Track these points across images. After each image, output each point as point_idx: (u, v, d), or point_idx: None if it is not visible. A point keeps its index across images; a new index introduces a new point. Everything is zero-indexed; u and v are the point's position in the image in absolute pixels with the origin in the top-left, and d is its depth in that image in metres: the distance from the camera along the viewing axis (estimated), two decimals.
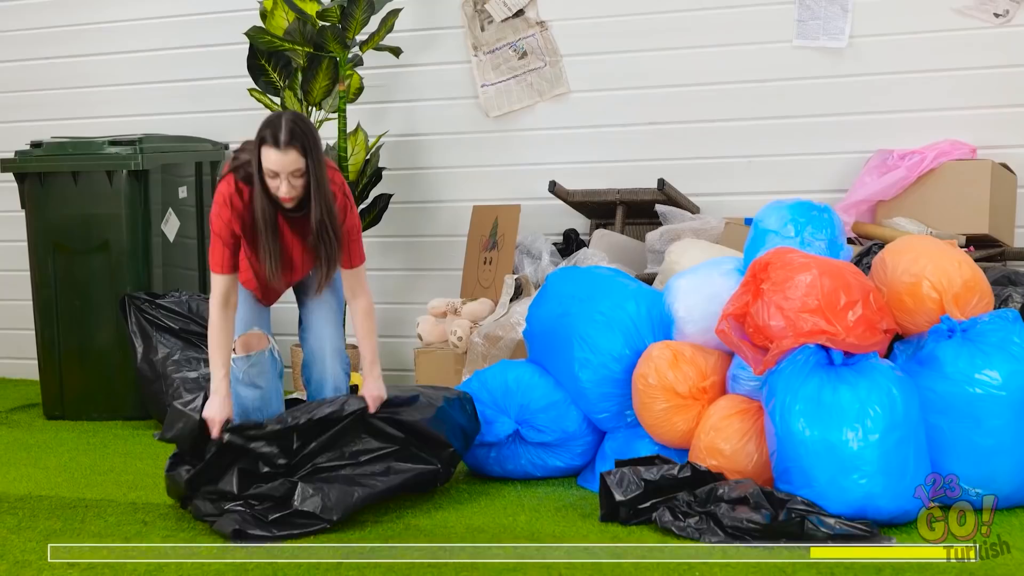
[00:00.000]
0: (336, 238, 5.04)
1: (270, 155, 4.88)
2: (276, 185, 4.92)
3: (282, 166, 4.88)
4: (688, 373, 5.12)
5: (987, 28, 6.52)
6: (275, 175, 4.91)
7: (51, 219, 7.08)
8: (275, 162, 4.87)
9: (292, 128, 4.90)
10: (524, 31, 7.29)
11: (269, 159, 4.89)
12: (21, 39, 8.42)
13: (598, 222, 7.04)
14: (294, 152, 4.89)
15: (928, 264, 4.90)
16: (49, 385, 7.16)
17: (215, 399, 4.99)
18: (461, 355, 6.41)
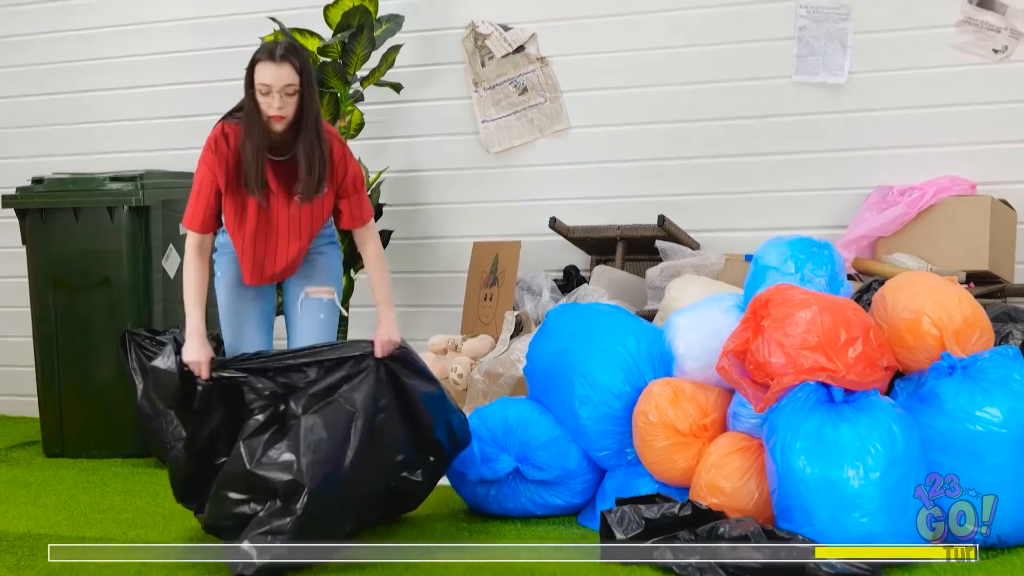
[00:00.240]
0: (323, 163, 5.04)
1: (264, 69, 4.91)
2: (268, 103, 4.92)
3: (276, 79, 4.89)
4: (688, 410, 5.11)
5: (986, 64, 6.54)
6: (268, 90, 4.91)
7: (52, 255, 7.08)
8: (269, 75, 4.89)
9: (288, 45, 4.99)
10: (524, 67, 7.31)
11: (263, 73, 4.91)
12: (23, 74, 8.45)
13: (598, 258, 7.04)
14: (288, 66, 4.93)
15: (928, 300, 4.89)
16: (49, 422, 7.15)
17: (193, 341, 4.95)
18: (462, 392, 6.40)
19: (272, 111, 4.93)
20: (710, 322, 5.27)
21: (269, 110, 4.94)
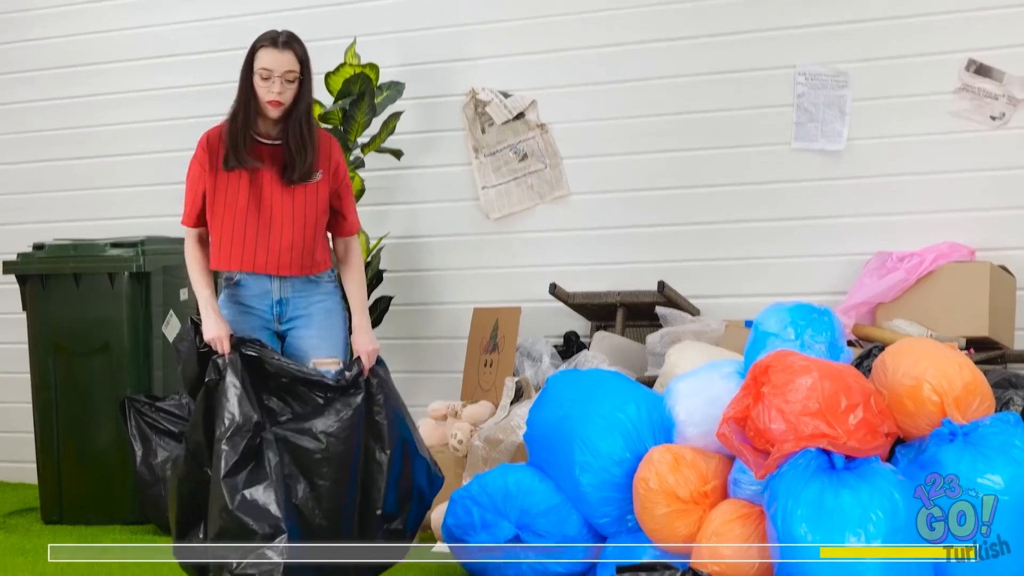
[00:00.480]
0: (314, 146, 5.07)
1: (267, 55, 5.00)
2: (268, 87, 4.97)
3: (278, 64, 4.98)
4: (689, 477, 5.09)
5: (984, 131, 6.57)
6: (269, 75, 4.98)
7: (52, 321, 7.09)
8: (271, 60, 4.98)
9: (290, 34, 5.10)
10: (524, 133, 7.35)
11: (265, 59, 4.99)
12: (25, 141, 8.50)
13: (598, 324, 7.05)
14: (290, 53, 5.03)
15: (929, 367, 4.88)
16: (47, 489, 7.12)
17: (209, 317, 4.97)
18: (461, 458, 6.39)
19: (271, 96, 5.01)
20: (710, 388, 5.26)
21: (268, 95, 5.01)
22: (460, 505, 5.52)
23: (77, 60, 8.42)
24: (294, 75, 5.04)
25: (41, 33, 8.52)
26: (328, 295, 5.31)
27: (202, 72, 8.03)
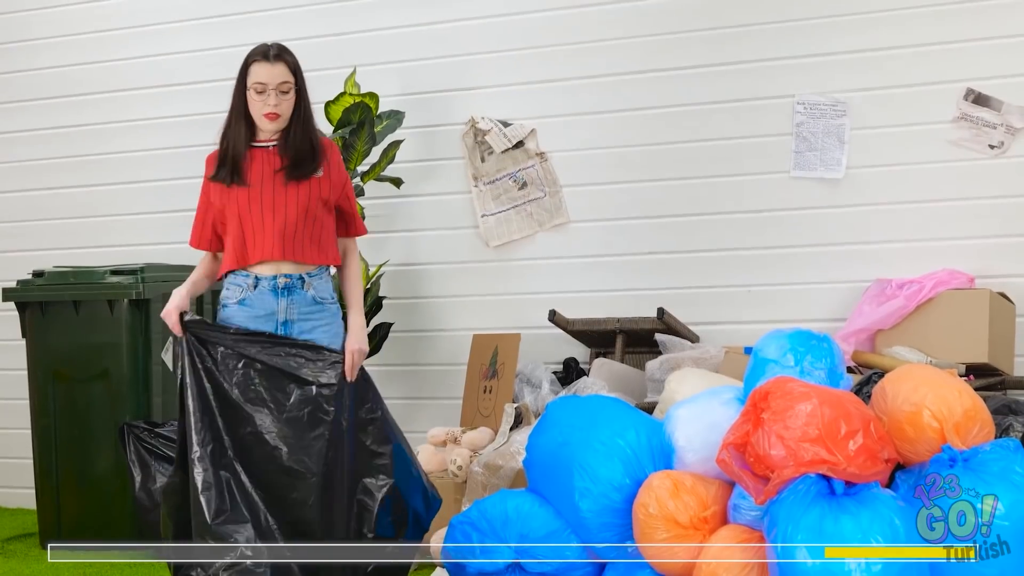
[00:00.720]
0: (317, 145, 5.13)
1: (259, 69, 5.02)
2: (263, 100, 4.99)
3: (271, 76, 4.99)
4: (689, 503, 5.08)
5: (982, 159, 6.59)
6: (263, 88, 5.00)
7: (51, 347, 7.09)
8: (264, 74, 4.99)
9: (280, 46, 5.11)
10: (524, 162, 7.36)
11: (258, 73, 5.01)
12: (24, 169, 8.52)
13: (598, 351, 7.05)
14: (282, 65, 5.04)
15: (928, 393, 4.88)
16: (46, 514, 7.11)
17: (174, 296, 5.08)
18: (461, 484, 6.38)
19: (268, 109, 5.02)
20: (710, 414, 5.26)
21: (264, 108, 5.02)
22: (459, 530, 5.51)
23: (78, 89, 8.44)
24: (289, 85, 5.07)
25: (43, 62, 8.54)
26: (332, 320, 5.32)
27: (203, 101, 8.05)
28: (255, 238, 5.11)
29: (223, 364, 4.99)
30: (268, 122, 5.06)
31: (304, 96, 5.16)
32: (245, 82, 5.07)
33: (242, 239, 5.10)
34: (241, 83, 5.08)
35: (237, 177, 5.07)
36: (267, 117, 5.04)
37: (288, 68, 5.08)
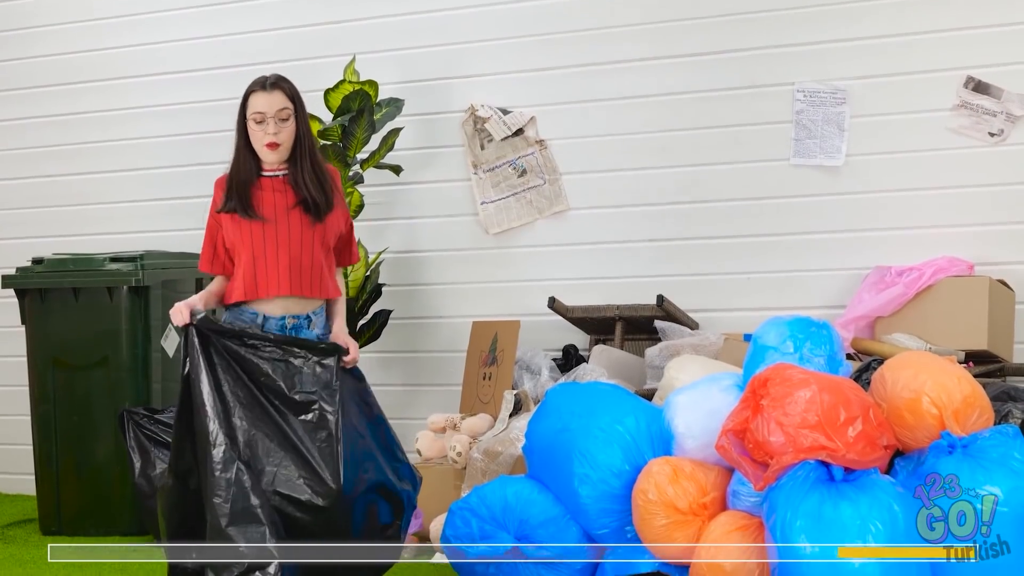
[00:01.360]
0: (326, 180, 5.11)
1: (256, 99, 5.02)
2: (263, 130, 4.99)
3: (269, 105, 4.98)
4: (688, 489, 5.10)
5: (982, 147, 6.58)
6: (262, 118, 5.00)
7: (51, 334, 7.10)
8: (262, 102, 4.99)
9: (277, 75, 5.12)
10: (523, 149, 7.36)
11: (256, 103, 5.01)
12: (23, 157, 8.52)
13: (597, 338, 7.05)
14: (279, 92, 5.03)
15: (928, 380, 4.89)
16: (46, 500, 7.13)
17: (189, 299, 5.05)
18: (460, 470, 6.39)
19: (268, 138, 5.02)
20: (709, 401, 5.27)
21: (265, 138, 5.02)
22: (459, 516, 5.52)
23: (77, 77, 8.44)
24: (288, 112, 5.06)
25: (41, 51, 8.54)
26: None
27: (201, 89, 8.06)
28: (267, 272, 5.11)
29: (231, 362, 4.98)
30: (270, 152, 5.06)
31: (305, 123, 5.14)
32: (245, 114, 5.07)
33: (253, 272, 5.10)
34: (242, 116, 5.09)
35: (250, 211, 5.07)
36: (268, 147, 5.04)
37: (285, 95, 5.08)
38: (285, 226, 5.09)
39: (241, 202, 5.07)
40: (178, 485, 5.01)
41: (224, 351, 4.97)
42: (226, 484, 4.77)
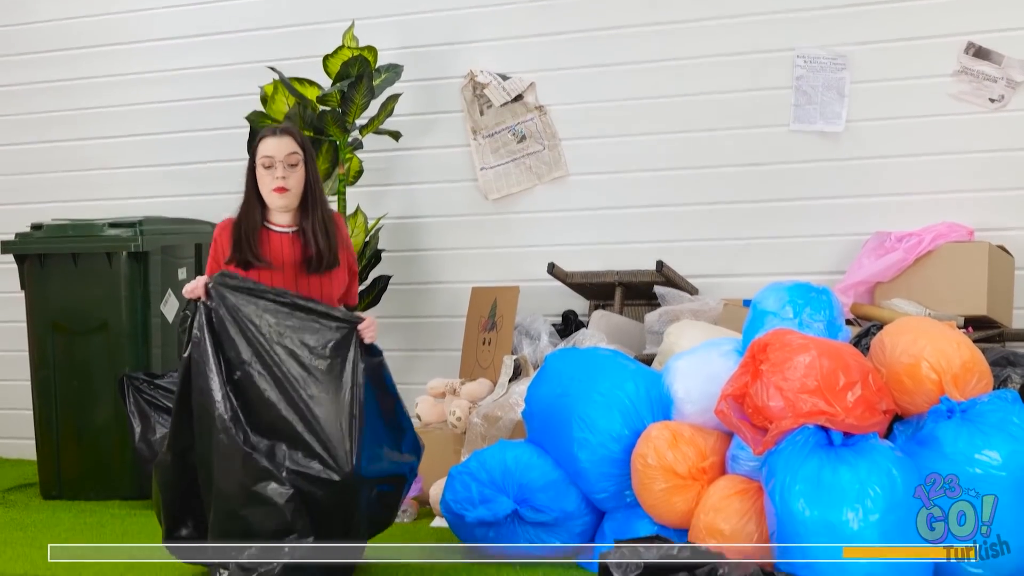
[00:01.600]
0: (334, 235, 5.13)
1: (266, 143, 5.06)
2: (272, 175, 5.00)
3: (278, 149, 5.01)
4: (687, 453, 5.11)
5: (983, 113, 6.58)
6: (271, 162, 5.02)
7: (50, 300, 7.10)
8: (271, 147, 5.02)
9: (288, 124, 5.21)
10: (523, 115, 7.35)
11: (265, 147, 5.04)
12: (23, 123, 8.50)
13: (597, 303, 7.06)
14: (289, 138, 5.07)
15: (927, 345, 4.90)
16: (46, 465, 7.14)
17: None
18: (460, 435, 6.40)
19: (276, 182, 5.03)
20: (708, 366, 5.27)
21: (273, 183, 5.04)
22: (459, 481, 5.53)
23: (76, 43, 8.41)
24: (297, 157, 5.08)
25: (41, 16, 8.51)
26: None
27: (202, 55, 8.03)
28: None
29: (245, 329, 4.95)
30: (277, 196, 5.07)
31: (314, 171, 5.16)
32: (254, 160, 5.10)
33: None
34: (251, 162, 5.13)
35: (258, 260, 5.09)
36: (276, 191, 5.06)
37: (295, 141, 5.11)
38: (292, 276, 5.15)
39: (251, 250, 5.10)
40: (176, 462, 5.01)
41: (237, 318, 4.94)
42: (240, 459, 4.75)
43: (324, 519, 4.76)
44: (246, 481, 4.72)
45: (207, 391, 4.84)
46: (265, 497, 4.71)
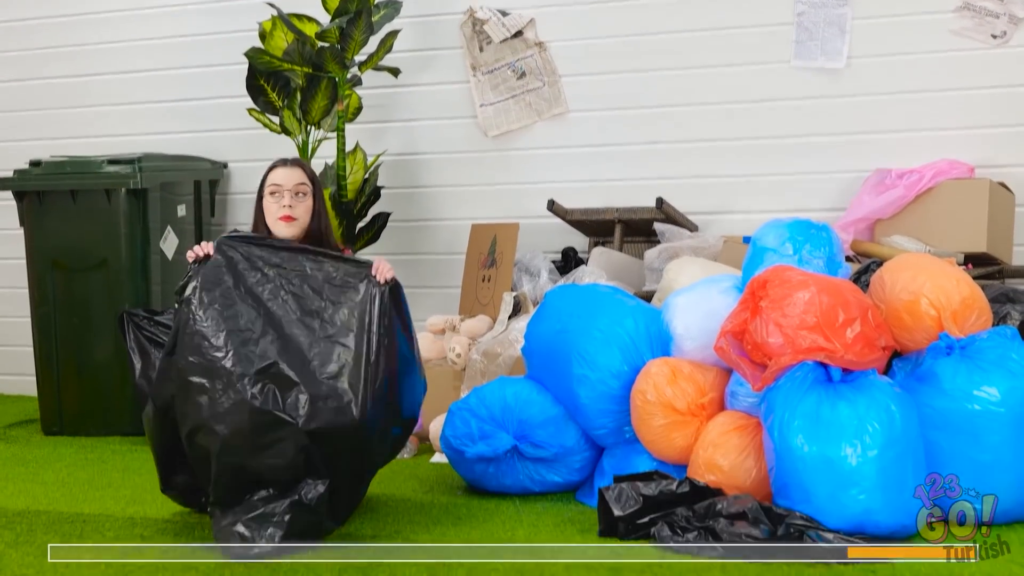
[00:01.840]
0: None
1: (275, 173, 5.07)
2: (278, 202, 4.99)
3: (287, 178, 5.02)
4: (686, 389, 5.12)
5: (985, 49, 6.55)
6: (279, 190, 5.03)
7: (50, 237, 7.09)
8: (280, 176, 5.03)
9: (298, 158, 5.29)
10: (523, 52, 7.32)
11: (274, 176, 5.06)
12: (21, 59, 8.45)
13: (596, 240, 7.05)
14: (299, 169, 5.10)
15: (927, 282, 4.90)
16: (47, 401, 7.16)
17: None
18: (460, 372, 6.41)
19: (282, 211, 5.03)
20: (708, 303, 5.28)
21: (280, 211, 5.04)
22: (459, 417, 5.55)
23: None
24: (305, 188, 5.08)
25: None
26: None
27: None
28: None
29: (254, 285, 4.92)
30: (283, 225, 5.05)
31: (322, 204, 5.16)
32: (263, 190, 5.10)
33: None
34: (260, 193, 5.12)
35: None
36: (282, 220, 5.04)
37: (305, 173, 5.12)
38: None
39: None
40: (158, 416, 5.00)
41: (245, 269, 4.92)
42: (247, 411, 4.74)
43: (337, 462, 4.76)
44: (254, 434, 4.68)
45: (206, 347, 4.78)
46: (276, 449, 4.69)
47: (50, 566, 4.58)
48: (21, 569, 4.56)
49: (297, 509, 4.69)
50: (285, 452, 4.67)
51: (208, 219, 7.68)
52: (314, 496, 4.70)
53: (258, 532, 4.65)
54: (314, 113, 7.05)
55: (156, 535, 5.00)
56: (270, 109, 7.17)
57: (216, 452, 4.69)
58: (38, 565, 4.60)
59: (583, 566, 4.42)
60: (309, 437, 4.66)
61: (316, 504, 4.70)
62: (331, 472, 4.74)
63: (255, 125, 7.23)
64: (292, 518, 4.67)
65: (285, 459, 4.67)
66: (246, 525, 4.68)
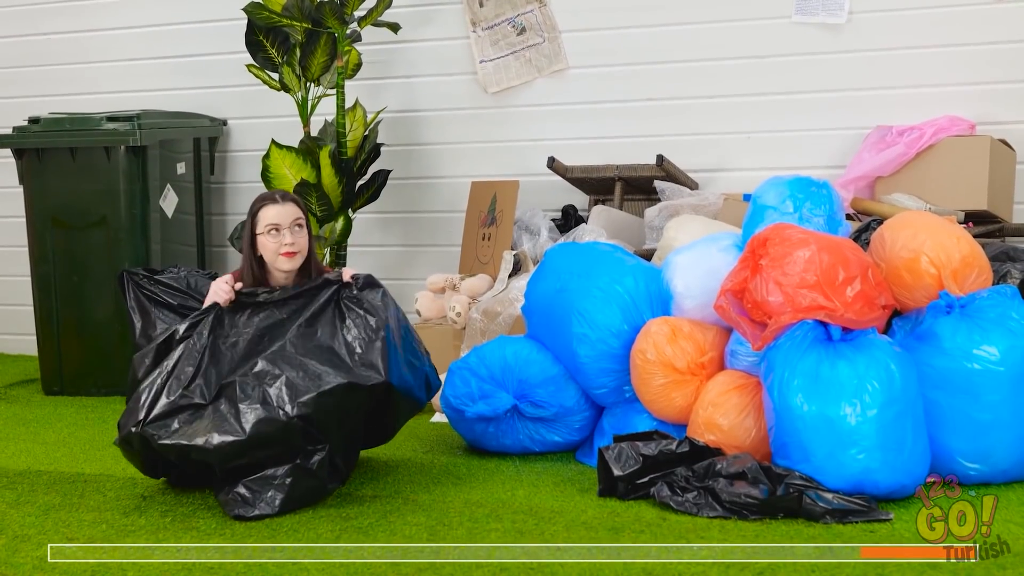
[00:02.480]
0: None
1: (269, 211, 5.09)
2: (278, 240, 5.06)
3: (284, 216, 5.07)
4: (686, 348, 5.13)
5: (986, 4, 6.51)
6: (277, 229, 5.06)
7: (49, 195, 7.09)
8: (277, 214, 5.07)
9: (286, 191, 5.31)
10: (523, 7, 7.28)
11: (270, 215, 5.08)
12: (19, 14, 8.42)
13: (597, 198, 7.04)
14: (292, 204, 5.13)
15: (927, 240, 4.89)
16: (47, 361, 7.17)
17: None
18: (459, 330, 6.41)
19: (285, 248, 5.06)
20: (708, 261, 5.27)
21: (283, 248, 5.06)
22: (458, 376, 5.55)
23: None
24: (301, 221, 5.12)
25: None
26: None
27: None
28: None
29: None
30: (286, 260, 5.09)
31: (310, 231, 5.21)
32: (254, 229, 5.10)
33: None
34: (251, 230, 5.12)
35: None
36: (285, 256, 5.08)
37: (298, 207, 5.15)
38: None
39: None
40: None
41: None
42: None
43: (332, 428, 4.82)
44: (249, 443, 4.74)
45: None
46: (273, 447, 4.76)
47: (52, 526, 4.61)
48: (23, 529, 4.58)
49: (298, 472, 4.72)
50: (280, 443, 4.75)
51: (208, 177, 7.67)
52: (315, 461, 4.74)
53: (259, 495, 4.69)
54: (313, 69, 7.02)
55: (157, 494, 5.03)
56: (269, 65, 7.15)
57: (216, 462, 4.76)
58: (39, 525, 4.62)
59: (582, 524, 4.44)
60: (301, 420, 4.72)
61: (317, 468, 4.74)
62: (327, 438, 4.78)
63: (255, 82, 7.20)
64: (293, 481, 4.71)
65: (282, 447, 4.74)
66: (247, 487, 4.72)
